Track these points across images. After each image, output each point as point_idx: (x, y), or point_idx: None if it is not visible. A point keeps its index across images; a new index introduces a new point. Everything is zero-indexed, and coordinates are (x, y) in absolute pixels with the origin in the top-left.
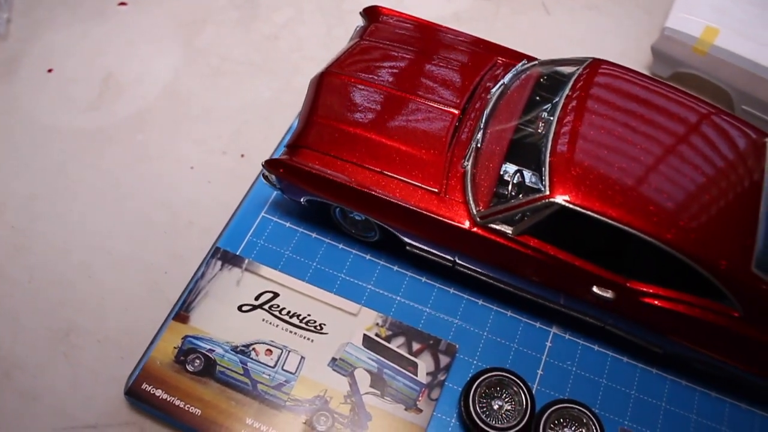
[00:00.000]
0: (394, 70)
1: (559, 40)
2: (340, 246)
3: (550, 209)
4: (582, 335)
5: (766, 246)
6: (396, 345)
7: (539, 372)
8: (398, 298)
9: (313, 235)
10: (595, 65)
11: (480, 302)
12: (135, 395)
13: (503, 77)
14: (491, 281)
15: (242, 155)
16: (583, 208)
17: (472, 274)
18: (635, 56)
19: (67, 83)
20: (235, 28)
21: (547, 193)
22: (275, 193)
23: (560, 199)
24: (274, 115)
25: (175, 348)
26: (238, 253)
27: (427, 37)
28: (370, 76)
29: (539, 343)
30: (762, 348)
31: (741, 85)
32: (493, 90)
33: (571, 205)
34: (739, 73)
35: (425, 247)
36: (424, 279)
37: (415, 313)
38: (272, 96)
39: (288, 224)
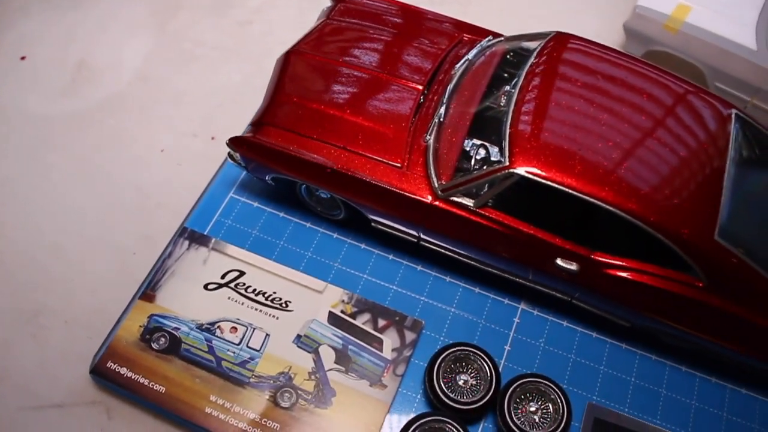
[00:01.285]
0: (359, 49)
1: (532, 21)
2: (308, 225)
3: (511, 180)
4: (551, 311)
5: (731, 215)
6: (361, 321)
7: (507, 348)
8: (365, 275)
9: (281, 214)
10: (557, 38)
11: (447, 279)
12: (100, 374)
13: (468, 53)
14: (457, 257)
15: (213, 138)
16: (543, 178)
17: (438, 249)
18: (609, 36)
19: (40, 70)
20: (209, 14)
21: (507, 164)
22: (244, 173)
23: (520, 169)
24: (246, 98)
25: (140, 327)
26: (205, 233)
27: (394, 16)
28: (335, 54)
29: (507, 319)
30: (727, 318)
31: (713, 61)
32: (458, 66)
33: (530, 176)
34: (711, 50)
35: (390, 223)
36: (391, 257)
37: (381, 290)
38: (243, 79)
39: (256, 204)
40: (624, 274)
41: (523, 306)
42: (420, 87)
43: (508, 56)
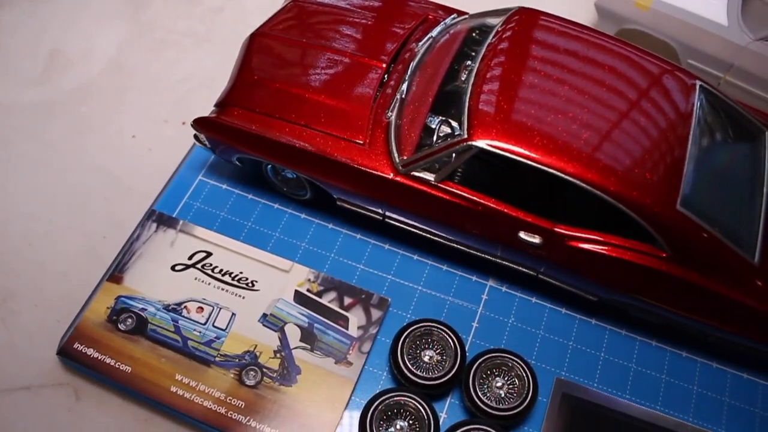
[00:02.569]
0: (323, 29)
1: (505, 1)
2: (276, 206)
3: (469, 153)
4: (519, 288)
5: (694, 185)
6: (327, 300)
7: (474, 324)
8: (332, 255)
9: (249, 196)
10: (520, 13)
11: (415, 257)
12: (67, 354)
13: (432, 31)
14: (423, 234)
15: (183, 123)
16: (501, 150)
17: (403, 227)
18: (582, 15)
19: (12, 59)
20: (181, 1)
21: (466, 136)
22: (213, 157)
23: (479, 142)
24: (217, 84)
25: (108, 308)
26: (174, 216)
27: None
28: (299, 35)
29: (475, 296)
30: (691, 289)
31: (685, 38)
32: (421, 44)
33: (489, 148)
34: (683, 27)
35: (354, 201)
36: (358, 236)
37: (348, 269)
38: (215, 65)
39: (225, 186)
40: (587, 246)
41: (491, 283)
42: (383, 65)
43: (472, 34)
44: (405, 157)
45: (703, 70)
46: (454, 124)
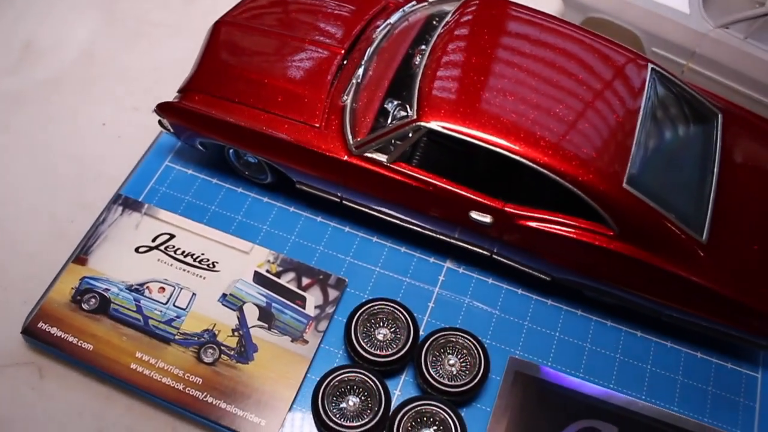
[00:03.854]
0: (285, 17)
1: None
2: (239, 190)
3: (419, 133)
4: (476, 269)
5: (641, 164)
6: (286, 280)
7: (430, 305)
8: (293, 237)
9: (214, 180)
10: None
11: (374, 239)
12: (31, 334)
13: (390, 17)
14: (380, 216)
15: (153, 111)
16: (450, 130)
17: (360, 209)
18: (549, 5)
19: None
20: None
21: (415, 117)
22: (179, 143)
23: (426, 122)
24: (187, 73)
25: (72, 288)
26: (140, 200)
27: None
28: (261, 23)
29: (432, 277)
30: (639, 267)
31: (648, 26)
32: (379, 30)
33: (437, 128)
34: (646, 15)
35: (312, 184)
36: (319, 219)
37: (308, 250)
38: (186, 56)
39: (190, 171)
40: (536, 225)
41: (448, 264)
42: (341, 51)
43: (432, 20)
44: (359, 139)
45: (667, 58)
46: (409, 107)
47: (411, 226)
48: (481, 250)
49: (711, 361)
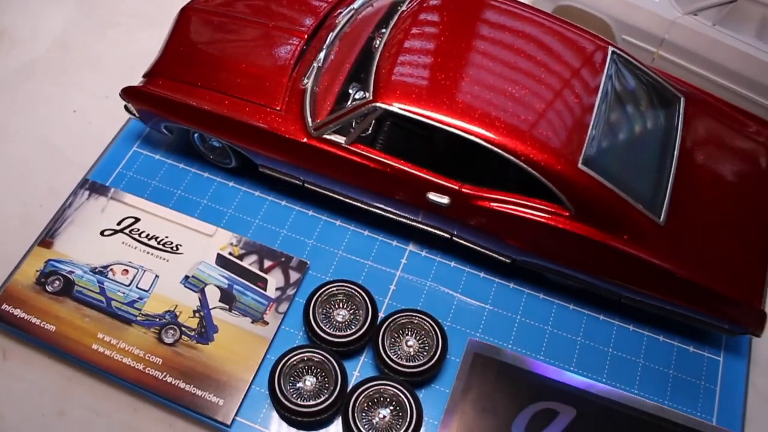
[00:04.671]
0: (251, 2)
1: None
2: (206, 175)
3: (375, 114)
4: (439, 252)
5: (598, 145)
6: (248, 263)
7: (392, 287)
8: (257, 220)
9: (181, 165)
10: None
11: (338, 223)
12: None
13: (354, 3)
14: (343, 199)
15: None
16: (405, 111)
17: (322, 192)
18: None
19: None
20: None
21: (371, 98)
22: (148, 129)
23: (383, 102)
24: None
25: (37, 271)
26: (107, 184)
27: None
28: (227, 8)
29: (394, 260)
30: (595, 247)
31: (618, 14)
32: (342, 15)
33: (393, 108)
34: (615, 2)
35: (274, 167)
36: (283, 203)
37: (272, 234)
38: (159, 45)
39: (158, 156)
40: (493, 206)
41: (411, 248)
42: (304, 36)
43: (395, 6)
44: (318, 121)
45: (637, 46)
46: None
47: (373, 210)
48: (441, 233)
49: (673, 345)
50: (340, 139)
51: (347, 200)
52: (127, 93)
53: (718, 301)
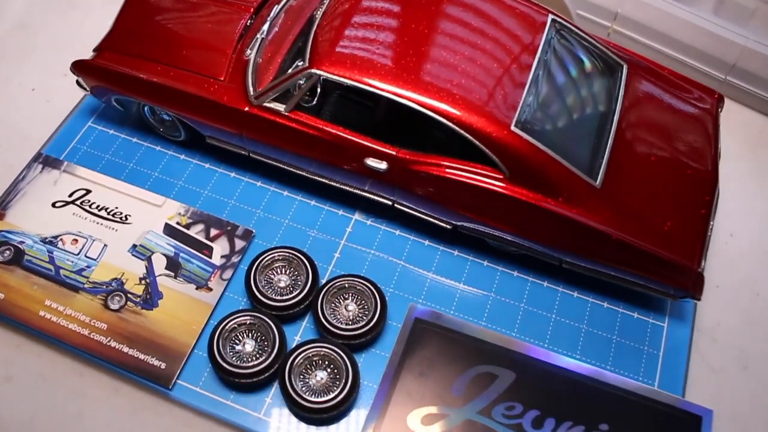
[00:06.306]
0: None
1: None
2: (158, 148)
3: (312, 80)
4: (384, 221)
5: (532, 109)
6: (195, 232)
7: (336, 255)
8: (206, 191)
9: (134, 139)
10: None
11: (285, 193)
12: None
13: None
14: (290, 169)
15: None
16: (340, 76)
17: (269, 162)
18: None
19: None
20: None
21: (307, 65)
22: (103, 105)
23: (318, 68)
24: None
25: None
26: (61, 158)
27: None
28: None
29: (339, 229)
30: (531, 210)
31: None
32: None
33: (328, 74)
34: None
35: (220, 137)
36: (233, 174)
37: (220, 204)
38: None
39: (112, 131)
40: (429, 170)
41: (357, 217)
42: (250, 9)
43: None
44: (258, 89)
45: (592, 21)
46: None
47: (318, 179)
48: (382, 199)
49: (617, 311)
50: (280, 107)
51: (292, 170)
52: (77, 67)
53: (655, 263)
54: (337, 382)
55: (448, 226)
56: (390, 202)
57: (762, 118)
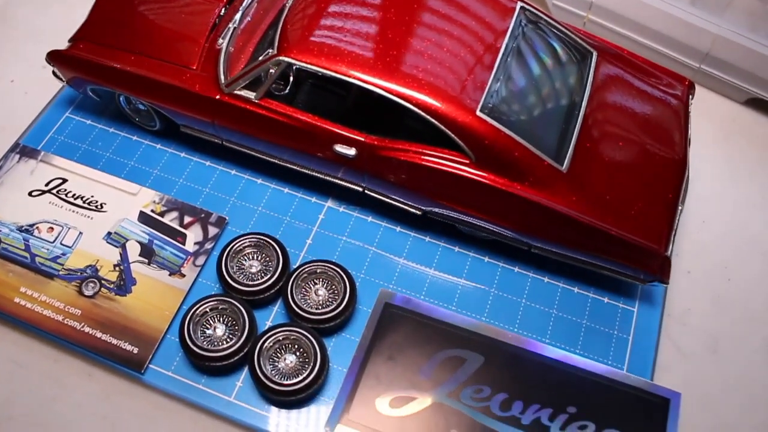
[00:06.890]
0: None
1: None
2: (134, 138)
3: (280, 67)
4: (357, 207)
5: (500, 95)
6: (169, 219)
7: (308, 241)
8: (181, 180)
9: (111, 129)
10: None
11: (259, 181)
12: None
13: None
14: (264, 157)
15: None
16: (308, 63)
17: (242, 150)
18: None
19: None
20: None
21: (276, 52)
22: (81, 96)
23: (286, 56)
24: None
25: None
26: (38, 148)
27: None
28: None
29: (312, 216)
30: (498, 194)
31: None
32: None
33: (296, 62)
34: None
35: (193, 126)
36: (208, 163)
37: (195, 192)
38: None
39: (89, 122)
40: (397, 155)
41: (329, 204)
42: (223, 0)
43: None
44: (229, 77)
45: (568, 10)
46: None
47: (289, 166)
48: (353, 186)
49: (587, 296)
50: (250, 95)
51: (266, 157)
52: (53, 57)
53: (622, 247)
54: (306, 366)
55: (418, 212)
56: (361, 189)
57: (735, 105)
